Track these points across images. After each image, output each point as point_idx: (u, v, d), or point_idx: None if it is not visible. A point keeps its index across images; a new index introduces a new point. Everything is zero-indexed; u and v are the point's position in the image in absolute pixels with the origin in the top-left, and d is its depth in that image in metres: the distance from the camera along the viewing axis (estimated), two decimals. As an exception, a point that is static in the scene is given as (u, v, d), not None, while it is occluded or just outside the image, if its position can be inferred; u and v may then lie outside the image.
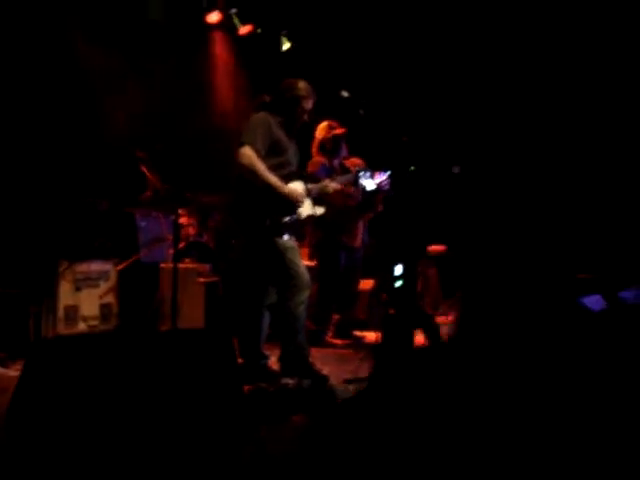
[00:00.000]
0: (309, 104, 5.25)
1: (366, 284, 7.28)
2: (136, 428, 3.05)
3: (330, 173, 6.37)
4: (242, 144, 4.89)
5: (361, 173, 5.13)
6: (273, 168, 4.99)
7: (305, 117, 5.28)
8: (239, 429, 3.32)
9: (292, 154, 5.22)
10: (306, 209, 5.17)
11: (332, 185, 5.55)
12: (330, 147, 6.74)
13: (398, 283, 3.20)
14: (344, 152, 6.81)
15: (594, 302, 6.08)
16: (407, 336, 3.02)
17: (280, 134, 5.09)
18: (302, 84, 5.24)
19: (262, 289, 5.18)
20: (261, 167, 4.89)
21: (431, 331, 3.18)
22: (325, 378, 4.92)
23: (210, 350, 3.41)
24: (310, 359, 5.07)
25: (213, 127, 9.26)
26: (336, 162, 6.77)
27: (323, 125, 6.75)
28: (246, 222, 5.05)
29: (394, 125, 5.80)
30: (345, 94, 5.26)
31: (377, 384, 3.21)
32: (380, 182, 5.60)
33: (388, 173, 5.40)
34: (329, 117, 6.73)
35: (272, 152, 5.02)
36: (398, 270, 3.20)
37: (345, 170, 6.57)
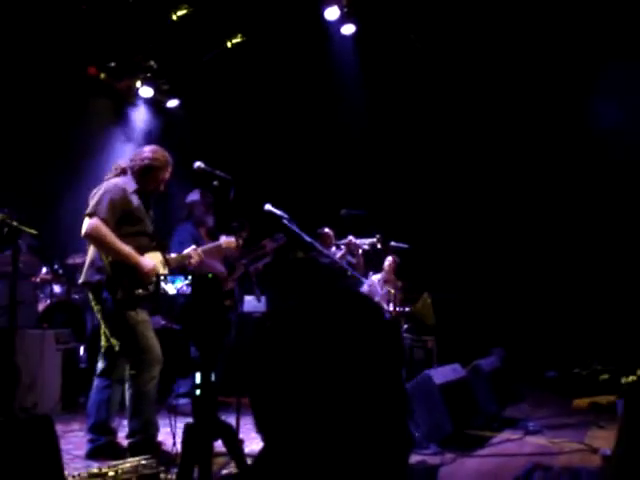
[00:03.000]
0: (166, 174, 5.12)
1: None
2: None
3: (197, 240, 6.31)
4: (89, 215, 4.74)
5: (162, 277, 4.95)
6: (127, 238, 4.84)
7: (162, 186, 5.15)
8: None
9: (148, 223, 5.07)
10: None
11: (195, 255, 5.45)
12: (199, 215, 6.71)
13: (197, 392, 3.11)
14: (211, 221, 6.78)
15: (448, 371, 6.17)
16: (206, 447, 2.94)
17: (134, 203, 4.93)
18: (160, 153, 5.11)
19: (112, 362, 5.00)
20: (110, 236, 4.71)
21: (231, 442, 3.11)
22: (174, 459, 4.75)
23: (28, 442, 3.23)
24: (158, 438, 4.91)
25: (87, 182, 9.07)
26: (203, 230, 6.74)
27: (195, 191, 6.74)
28: (99, 294, 4.87)
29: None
30: (201, 165, 5.17)
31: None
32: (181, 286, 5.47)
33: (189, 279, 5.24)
34: (192, 186, 6.75)
35: (125, 221, 4.86)
36: (197, 378, 3.11)
37: (214, 238, 6.52)
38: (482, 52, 9.50)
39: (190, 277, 3.31)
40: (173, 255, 5.31)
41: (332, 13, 8.98)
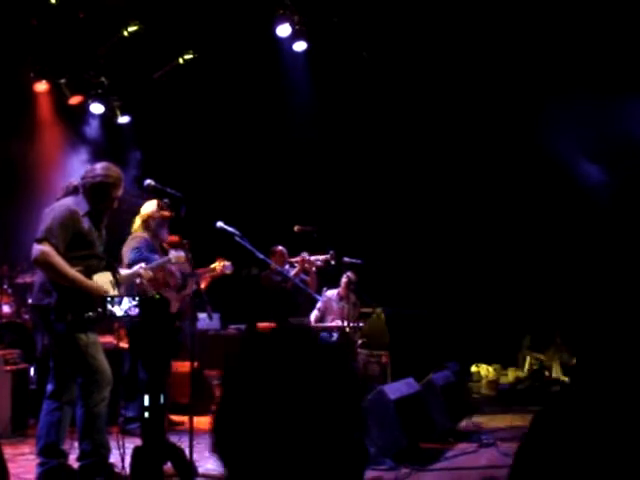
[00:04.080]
0: (119, 190, 5.07)
1: (184, 366, 7.11)
2: None
3: (151, 250, 6.28)
4: (39, 240, 4.68)
5: (109, 299, 4.90)
6: (76, 261, 4.78)
7: (114, 204, 5.10)
8: None
9: (98, 244, 5.00)
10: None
11: (144, 273, 5.41)
12: (154, 226, 6.64)
13: (146, 414, 3.08)
14: (165, 235, 6.72)
15: (402, 386, 6.21)
16: (156, 470, 2.91)
17: (85, 225, 4.86)
18: (113, 170, 5.03)
19: (62, 384, 4.92)
20: (59, 263, 4.65)
21: (181, 464, 3.08)
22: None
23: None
24: (110, 460, 4.83)
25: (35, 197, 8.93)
26: (156, 243, 6.67)
27: (152, 203, 6.62)
28: (47, 317, 4.80)
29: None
30: (152, 183, 5.15)
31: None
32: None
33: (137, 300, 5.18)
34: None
35: (75, 245, 4.80)
36: (146, 400, 3.09)
37: (165, 252, 6.48)
38: (433, 67, 9.63)
39: (137, 298, 3.28)
40: (122, 272, 5.26)
41: (284, 30, 9.03)
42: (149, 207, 6.68)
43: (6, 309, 7.82)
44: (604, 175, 8.86)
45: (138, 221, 6.70)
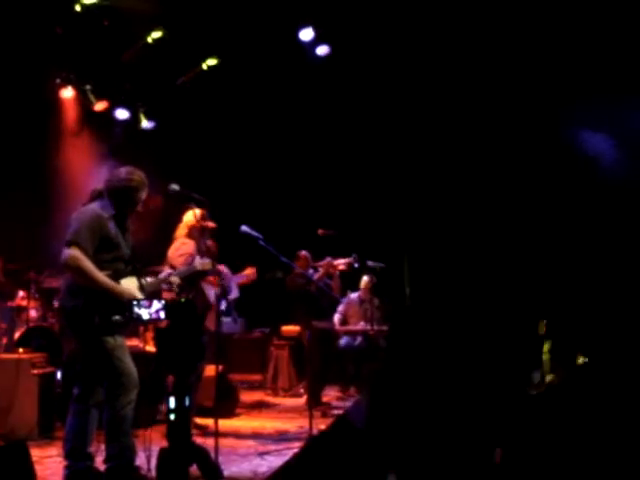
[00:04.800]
0: (143, 194, 5.11)
1: (209, 370, 7.13)
2: None
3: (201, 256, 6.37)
4: (69, 244, 4.74)
5: (136, 302, 4.93)
6: (104, 264, 4.84)
7: (139, 207, 5.15)
8: None
9: (124, 248, 5.05)
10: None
11: (174, 280, 5.46)
12: (196, 235, 6.65)
13: (172, 416, 3.11)
14: (205, 245, 6.71)
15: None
16: (181, 472, 2.93)
17: (111, 229, 4.90)
18: (137, 174, 5.07)
19: (89, 387, 4.97)
20: (89, 267, 4.71)
21: (206, 466, 3.10)
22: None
23: (2, 469, 3.22)
24: (136, 462, 4.88)
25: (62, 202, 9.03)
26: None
27: (194, 212, 6.51)
28: (75, 320, 4.86)
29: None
30: (176, 188, 5.19)
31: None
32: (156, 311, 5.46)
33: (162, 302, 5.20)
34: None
35: (102, 248, 4.85)
36: (172, 403, 3.11)
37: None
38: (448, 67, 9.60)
39: (164, 302, 3.32)
40: (149, 279, 5.30)
41: (306, 34, 9.09)
42: (192, 216, 6.57)
43: (33, 313, 7.90)
44: (607, 144, 8.83)
45: (183, 228, 6.72)
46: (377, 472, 3.92)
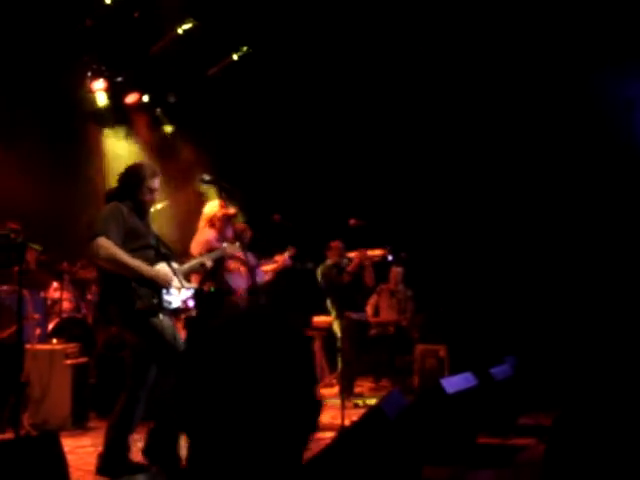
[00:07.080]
0: (154, 183, 5.15)
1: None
2: None
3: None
4: (95, 236, 4.75)
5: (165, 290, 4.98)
6: (133, 253, 4.87)
7: (154, 196, 5.20)
8: None
9: (150, 236, 5.12)
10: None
11: (208, 263, 5.51)
12: (219, 225, 6.67)
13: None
14: (231, 233, 6.73)
15: (461, 380, 6.11)
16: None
17: (133, 220, 4.99)
18: (144, 165, 5.24)
19: (139, 378, 4.97)
20: (121, 254, 4.76)
21: None
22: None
23: (34, 460, 3.20)
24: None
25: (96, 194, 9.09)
26: (222, 241, 6.71)
27: (215, 202, 6.62)
28: (118, 309, 4.89)
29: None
30: (208, 177, 5.19)
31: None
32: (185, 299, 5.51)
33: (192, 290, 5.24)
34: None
35: (129, 239, 4.91)
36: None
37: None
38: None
39: (194, 290, 3.29)
40: (175, 265, 5.31)
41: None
42: (213, 206, 6.67)
43: (66, 304, 7.94)
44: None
45: (203, 220, 6.75)
46: (410, 464, 3.86)
